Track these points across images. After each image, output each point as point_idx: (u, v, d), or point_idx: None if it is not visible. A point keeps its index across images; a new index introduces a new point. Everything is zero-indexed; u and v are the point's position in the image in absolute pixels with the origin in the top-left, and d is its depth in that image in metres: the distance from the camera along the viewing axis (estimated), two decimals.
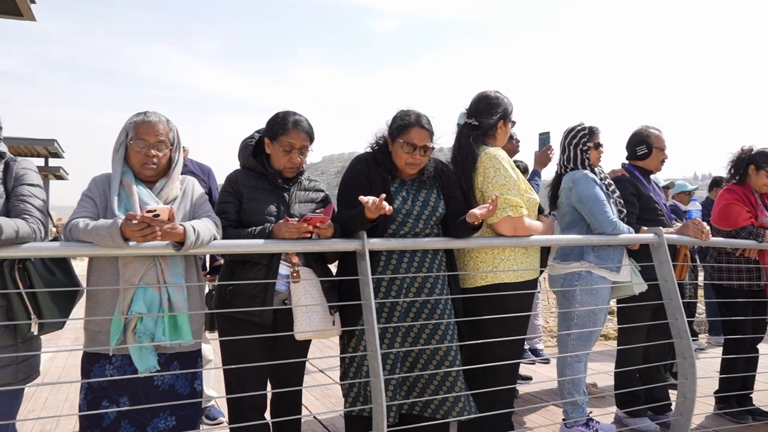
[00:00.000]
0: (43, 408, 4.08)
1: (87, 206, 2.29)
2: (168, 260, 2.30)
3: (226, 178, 2.68)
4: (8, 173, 2.21)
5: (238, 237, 2.48)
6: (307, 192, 2.74)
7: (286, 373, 2.71)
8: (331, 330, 2.62)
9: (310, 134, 2.65)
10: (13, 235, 2.04)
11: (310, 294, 2.55)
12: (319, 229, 2.48)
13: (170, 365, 2.32)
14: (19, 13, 5.35)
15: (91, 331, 2.28)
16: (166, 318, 2.26)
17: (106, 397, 2.24)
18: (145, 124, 2.34)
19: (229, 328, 2.55)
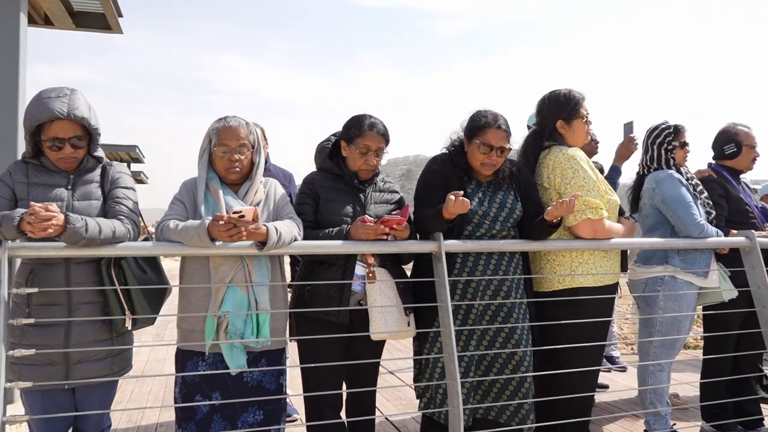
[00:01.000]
0: (129, 399, 4.29)
1: (177, 209, 2.40)
2: (254, 262, 2.38)
3: (304, 179, 2.74)
4: (105, 177, 2.35)
5: (315, 238, 2.53)
6: (383, 193, 2.76)
7: (361, 374, 2.73)
8: (406, 331, 2.62)
9: (385, 136, 2.67)
10: (110, 235, 2.17)
11: (386, 295, 2.56)
12: (395, 230, 2.49)
13: (258, 362, 2.40)
14: (108, 28, 5.68)
15: (184, 329, 2.38)
16: (253, 318, 2.33)
17: (200, 392, 2.35)
18: (226, 129, 2.42)
19: (307, 327, 2.60)
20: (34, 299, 2.18)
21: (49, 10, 5.37)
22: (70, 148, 2.22)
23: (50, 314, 2.18)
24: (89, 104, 2.26)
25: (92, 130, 2.26)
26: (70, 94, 2.22)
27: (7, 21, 4.18)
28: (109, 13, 5.47)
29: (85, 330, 2.23)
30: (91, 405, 2.30)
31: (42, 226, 1.99)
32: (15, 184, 2.22)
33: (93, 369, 2.24)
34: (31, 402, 2.21)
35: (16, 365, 2.16)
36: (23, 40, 4.26)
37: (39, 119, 2.16)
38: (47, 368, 2.18)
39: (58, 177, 2.26)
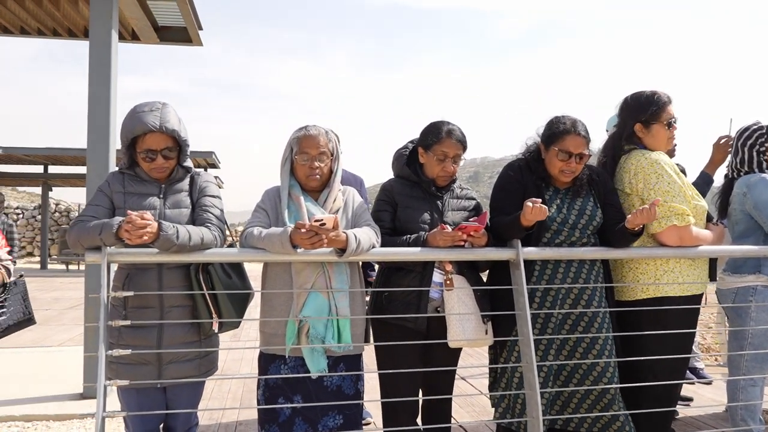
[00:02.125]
0: (210, 398, 4.46)
1: (260, 216, 2.49)
2: (334, 269, 2.43)
3: (381, 186, 2.77)
4: (193, 186, 2.46)
5: (393, 245, 2.55)
6: (460, 200, 2.76)
7: (437, 381, 2.73)
8: (484, 339, 2.60)
9: (463, 143, 2.67)
10: (199, 242, 2.27)
11: (464, 302, 2.56)
12: (473, 237, 2.48)
13: (337, 367, 2.45)
14: (189, 40, 5.96)
15: (266, 334, 2.46)
16: (334, 323, 2.38)
17: (282, 395, 2.42)
18: (307, 138, 2.49)
19: (384, 333, 2.63)
20: (130, 302, 2.31)
21: (137, 26, 5.69)
22: (162, 159, 2.34)
23: (144, 317, 2.30)
24: (179, 117, 2.38)
25: (182, 142, 2.38)
26: (162, 108, 2.34)
27: (101, 38, 4.45)
28: (191, 26, 5.73)
29: (176, 332, 2.34)
30: (180, 403, 2.41)
31: (138, 234, 2.11)
32: (113, 194, 2.36)
33: (183, 369, 2.35)
34: (127, 399, 2.34)
35: (113, 364, 2.30)
36: (114, 56, 4.52)
37: (134, 132, 2.29)
38: (141, 368, 2.30)
39: (151, 186, 2.39)
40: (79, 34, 6.04)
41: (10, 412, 4.16)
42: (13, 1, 5.39)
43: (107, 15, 4.48)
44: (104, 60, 4.46)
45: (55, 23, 5.92)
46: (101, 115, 4.46)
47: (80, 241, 2.22)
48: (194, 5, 5.41)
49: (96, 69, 4.46)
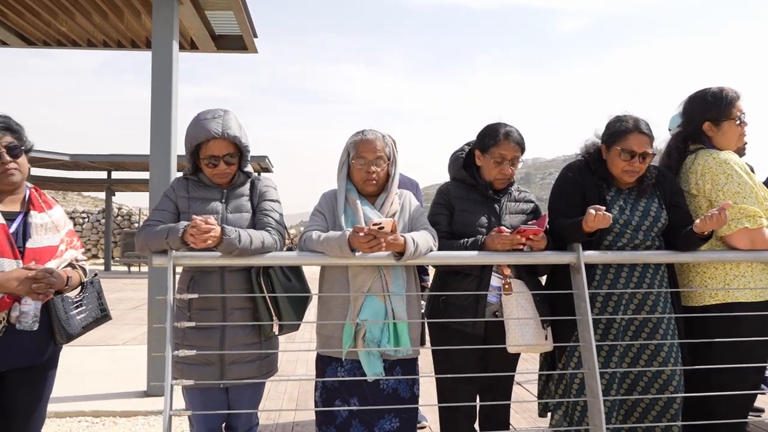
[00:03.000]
0: (266, 398, 4.54)
1: (318, 220, 2.52)
2: (391, 273, 2.44)
3: (438, 190, 2.76)
4: (254, 190, 2.51)
5: (451, 248, 2.54)
6: (518, 203, 2.72)
7: (495, 386, 2.70)
8: (543, 345, 2.55)
9: (521, 145, 2.63)
10: (260, 246, 2.32)
11: (523, 307, 2.52)
12: (532, 241, 2.44)
13: (393, 370, 2.45)
14: (245, 48, 6.11)
15: (323, 336, 2.49)
16: (390, 327, 2.39)
17: (339, 397, 2.44)
18: (364, 142, 2.50)
19: (441, 337, 2.61)
20: (194, 304, 2.38)
21: (195, 35, 5.86)
22: (224, 164, 2.40)
23: (208, 318, 2.36)
24: (240, 123, 2.44)
25: (243, 148, 2.43)
26: (224, 115, 2.40)
27: (162, 48, 4.61)
28: (246, 34, 5.87)
29: (238, 334, 2.39)
30: (242, 404, 2.46)
31: (203, 238, 2.17)
32: (177, 199, 2.44)
33: (244, 370, 2.40)
34: (191, 398, 2.41)
35: (179, 364, 2.37)
36: (175, 65, 4.68)
37: (198, 139, 2.36)
38: (205, 368, 2.37)
39: (214, 191, 2.46)
40: (141, 45, 6.28)
41: (81, 407, 4.35)
42: (82, 16, 5.64)
43: (168, 26, 4.64)
44: (166, 69, 4.62)
45: (119, 35, 6.17)
46: (163, 122, 4.62)
47: (148, 245, 2.31)
48: (250, 14, 5.54)
49: (158, 78, 4.62)
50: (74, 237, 2.44)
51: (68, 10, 5.54)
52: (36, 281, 2.11)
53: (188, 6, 5.05)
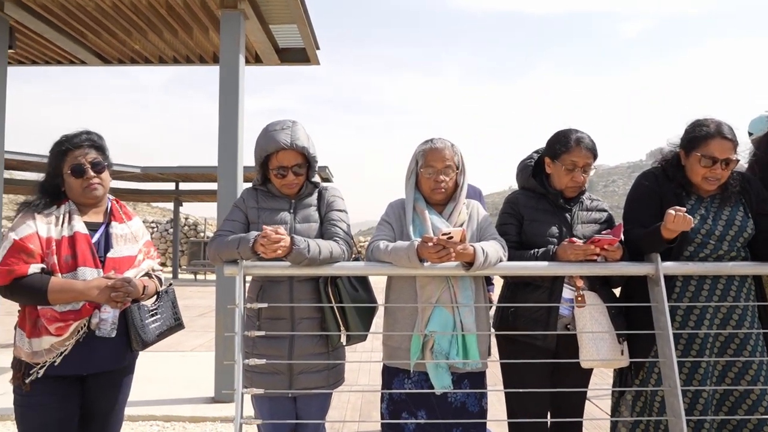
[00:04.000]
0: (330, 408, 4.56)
1: (385, 230, 2.50)
2: (459, 283, 2.39)
3: (506, 199, 2.70)
4: (321, 200, 2.53)
5: (520, 259, 2.47)
6: (590, 212, 2.62)
7: (567, 402, 2.60)
8: (619, 360, 2.44)
9: (593, 151, 2.54)
10: (328, 256, 2.32)
11: (597, 320, 2.41)
12: (607, 251, 2.34)
13: (462, 383, 2.40)
14: (308, 60, 6.22)
15: (390, 347, 2.46)
16: (459, 339, 2.34)
17: (406, 410, 2.40)
18: (432, 151, 2.47)
19: (511, 350, 2.54)
20: (264, 313, 2.41)
21: (260, 49, 6.02)
22: (293, 175, 2.42)
23: (277, 327, 2.38)
24: (308, 134, 2.46)
25: (311, 158, 2.45)
26: (292, 126, 2.43)
27: (230, 63, 4.75)
28: (309, 47, 5.98)
29: (306, 343, 2.40)
30: (309, 413, 2.46)
31: (273, 248, 2.19)
32: (248, 209, 2.48)
33: (312, 380, 2.41)
34: (260, 406, 2.43)
35: (248, 372, 2.40)
36: (241, 79, 4.80)
37: (267, 150, 2.40)
38: (274, 377, 2.39)
39: (282, 202, 2.48)
40: (209, 60, 6.49)
41: (152, 411, 4.49)
42: (154, 34, 5.89)
43: (235, 41, 4.78)
44: (232, 82, 4.75)
45: (188, 51, 6.40)
46: (230, 133, 4.75)
47: (219, 255, 2.35)
48: (312, 27, 5.63)
49: (225, 91, 4.75)
50: (151, 247, 2.52)
51: (141, 28, 5.80)
52: (115, 290, 2.18)
53: (254, 21, 5.19)
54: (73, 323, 2.17)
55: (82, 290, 2.16)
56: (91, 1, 5.17)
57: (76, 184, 2.29)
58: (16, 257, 2.13)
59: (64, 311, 2.16)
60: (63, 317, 2.15)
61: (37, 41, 6.17)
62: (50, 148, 2.33)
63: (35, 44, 6.27)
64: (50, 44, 6.22)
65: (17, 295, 2.15)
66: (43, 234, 2.19)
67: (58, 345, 2.16)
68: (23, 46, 6.26)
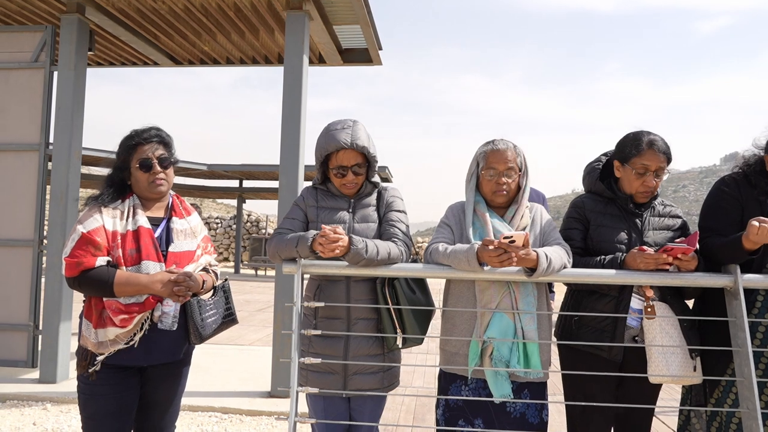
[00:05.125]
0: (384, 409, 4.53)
1: (445, 232, 2.44)
2: (521, 289, 2.31)
3: (571, 203, 2.59)
4: (381, 201, 2.50)
5: (586, 265, 2.36)
6: (662, 218, 2.48)
7: (632, 418, 2.47)
8: (691, 377, 2.29)
9: (667, 154, 2.40)
10: (386, 257, 2.29)
11: (668, 333, 2.28)
12: (680, 261, 2.20)
13: (521, 393, 2.31)
14: (370, 60, 6.24)
15: (447, 352, 2.40)
16: (520, 347, 2.26)
17: (463, 417, 2.33)
18: (494, 152, 2.40)
19: (574, 360, 2.43)
20: (320, 312, 2.40)
21: (323, 50, 6.07)
22: (352, 174, 2.40)
23: (333, 327, 2.37)
24: (368, 134, 2.43)
25: (371, 158, 2.43)
26: (353, 125, 2.41)
27: (294, 63, 4.81)
28: (372, 47, 5.98)
29: (361, 344, 2.38)
30: (363, 415, 2.44)
31: (331, 247, 2.18)
32: (307, 208, 2.48)
33: (367, 381, 2.38)
34: (314, 405, 2.43)
35: (303, 371, 2.40)
36: (305, 79, 4.85)
37: (328, 149, 2.39)
38: (329, 376, 2.37)
39: (342, 201, 2.47)
40: (273, 60, 6.61)
41: (211, 403, 4.60)
42: (222, 36, 6.05)
43: (300, 42, 4.83)
44: (296, 82, 4.80)
45: (254, 52, 6.54)
46: (293, 132, 4.80)
47: (278, 253, 2.36)
48: (376, 27, 5.63)
49: (289, 90, 4.82)
50: (209, 243, 2.56)
51: (211, 30, 5.96)
52: (177, 284, 2.23)
53: (318, 22, 5.23)
54: (137, 315, 2.22)
55: (146, 284, 2.21)
56: (165, 4, 5.36)
57: (142, 178, 2.35)
58: (83, 250, 2.20)
59: (128, 303, 2.21)
60: (127, 309, 2.21)
61: (114, 43, 6.45)
62: (120, 141, 2.40)
63: (112, 46, 6.57)
64: (126, 46, 6.50)
65: (84, 287, 2.22)
66: (109, 227, 2.26)
67: (123, 336, 2.22)
68: (101, 48, 6.57)
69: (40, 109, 5.19)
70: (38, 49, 5.21)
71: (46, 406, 4.57)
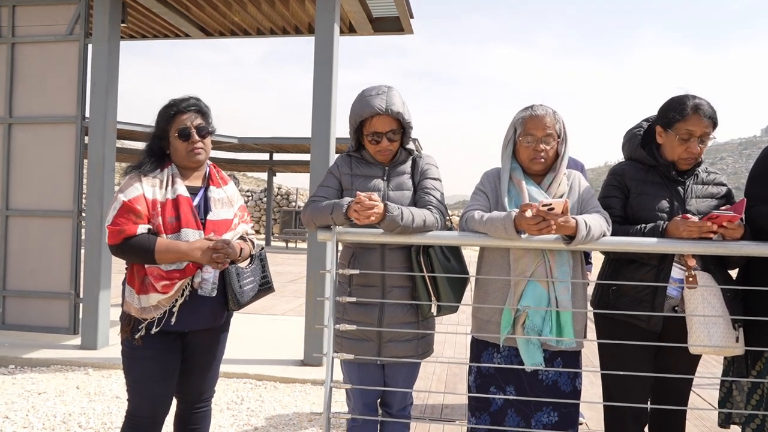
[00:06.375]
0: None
1: (480, 199, 2.41)
2: (556, 257, 2.27)
3: (611, 170, 2.53)
4: (415, 168, 2.48)
5: (625, 234, 2.31)
6: (706, 186, 2.40)
7: (670, 389, 2.44)
8: (733, 347, 2.24)
9: (713, 119, 2.31)
10: (421, 224, 2.28)
11: (710, 303, 2.22)
12: (726, 229, 2.13)
13: (554, 361, 2.29)
14: (401, 29, 6.15)
15: (480, 320, 2.39)
16: (553, 316, 2.24)
17: (494, 384, 2.34)
18: (533, 118, 2.34)
19: (611, 330, 2.40)
20: (355, 280, 2.41)
21: (354, 19, 6.00)
22: (387, 141, 2.38)
23: (367, 294, 2.38)
24: (403, 100, 2.40)
25: (405, 124, 2.40)
26: (388, 91, 2.38)
27: (325, 32, 4.77)
28: (403, 15, 5.89)
29: (396, 312, 2.38)
30: (397, 381, 2.46)
31: (366, 214, 2.17)
32: (341, 176, 2.47)
33: (401, 349, 2.39)
34: (349, 372, 2.45)
35: (338, 338, 2.42)
36: (336, 49, 4.81)
37: (362, 115, 2.37)
38: (363, 343, 2.39)
39: (376, 169, 2.45)
40: (304, 30, 6.57)
41: (246, 370, 4.71)
42: (253, 6, 6.02)
43: (330, 10, 4.78)
44: (327, 52, 4.77)
45: (284, 22, 6.50)
46: (324, 103, 4.78)
47: (313, 220, 2.36)
48: None
49: (320, 60, 4.79)
50: (245, 212, 2.58)
51: (242, 1, 5.93)
52: (216, 251, 2.25)
53: None
54: (178, 282, 2.26)
55: (186, 251, 2.24)
56: None
57: (181, 147, 2.36)
58: (125, 218, 2.24)
59: (169, 270, 2.25)
60: (169, 276, 2.25)
61: (147, 15, 6.48)
62: (159, 111, 2.42)
63: (145, 18, 6.60)
64: (158, 18, 6.52)
65: (127, 254, 2.27)
66: (149, 196, 2.29)
67: (165, 302, 2.27)
68: (134, 20, 6.61)
69: (76, 82, 5.26)
70: (73, 21, 5.27)
71: (87, 371, 4.74)
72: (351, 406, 2.50)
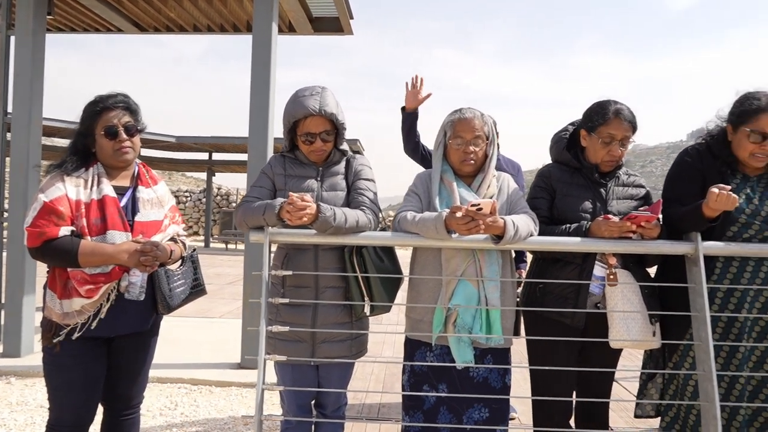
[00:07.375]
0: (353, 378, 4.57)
1: (413, 201, 2.44)
2: (486, 257, 2.33)
3: (538, 172, 2.61)
4: (349, 169, 2.49)
5: (551, 234, 2.39)
6: (626, 187, 2.52)
7: (593, 382, 2.54)
8: (651, 341, 2.36)
9: (632, 123, 2.43)
10: (354, 225, 2.29)
11: (629, 299, 2.33)
12: (644, 228, 2.24)
13: (484, 359, 2.35)
14: (341, 30, 6.15)
15: (413, 319, 2.42)
16: (482, 314, 2.29)
17: (427, 382, 2.37)
18: (462, 121, 2.40)
19: (538, 327, 2.48)
20: (288, 281, 2.39)
21: (293, 18, 5.95)
22: (320, 141, 2.38)
23: (301, 295, 2.37)
24: (337, 101, 2.41)
25: (339, 125, 2.40)
26: (322, 92, 2.38)
27: (262, 31, 4.71)
28: (343, 16, 5.89)
29: (329, 312, 2.38)
30: (330, 382, 2.45)
31: (298, 215, 2.16)
32: (275, 176, 2.45)
33: (335, 349, 2.39)
34: (283, 374, 2.43)
35: (272, 339, 2.40)
36: (274, 47, 4.76)
37: (295, 116, 2.36)
38: (297, 345, 2.38)
39: (310, 169, 2.45)
40: (242, 28, 6.46)
41: (180, 374, 4.59)
42: (189, 2, 5.89)
43: (268, 9, 4.72)
44: (265, 50, 4.71)
45: (222, 19, 6.38)
46: (261, 102, 4.72)
47: (245, 221, 2.33)
48: None
49: (258, 59, 4.72)
50: (176, 212, 2.52)
51: None
52: (144, 254, 2.19)
53: None
54: (103, 286, 2.18)
55: (112, 253, 2.16)
56: None
57: (108, 145, 2.28)
58: (46, 219, 2.14)
59: (93, 274, 2.17)
60: (93, 279, 2.17)
61: (75, 8, 6.22)
62: (84, 107, 2.32)
63: (73, 11, 6.33)
64: (88, 11, 6.27)
65: (48, 257, 2.17)
66: (72, 196, 2.20)
67: (89, 307, 2.18)
68: (61, 12, 6.33)
69: None
70: None
71: (10, 380, 4.50)
72: (285, 408, 2.48)
